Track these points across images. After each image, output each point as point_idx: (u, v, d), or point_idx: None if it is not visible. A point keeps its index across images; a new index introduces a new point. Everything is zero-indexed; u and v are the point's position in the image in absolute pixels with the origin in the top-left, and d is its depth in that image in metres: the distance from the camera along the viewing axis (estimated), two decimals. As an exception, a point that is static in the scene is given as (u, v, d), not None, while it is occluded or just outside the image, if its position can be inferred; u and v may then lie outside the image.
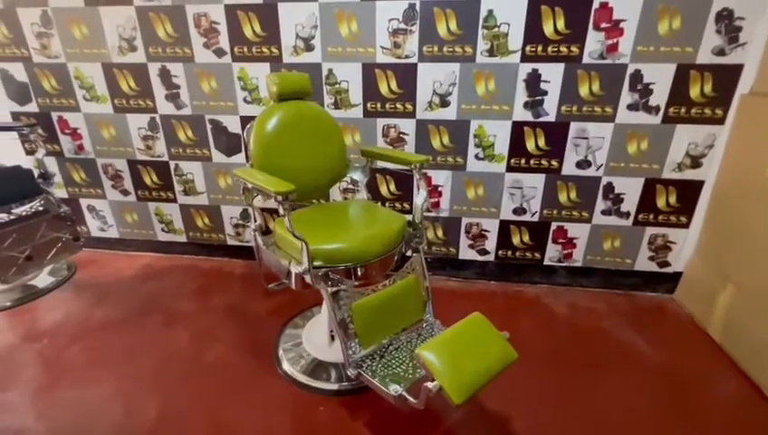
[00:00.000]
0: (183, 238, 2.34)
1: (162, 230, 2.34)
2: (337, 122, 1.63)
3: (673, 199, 1.87)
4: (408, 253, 1.51)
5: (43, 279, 2.12)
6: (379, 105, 1.89)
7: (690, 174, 1.81)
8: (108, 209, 2.33)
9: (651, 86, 1.70)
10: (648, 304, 2.00)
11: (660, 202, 1.88)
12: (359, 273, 1.33)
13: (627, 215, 1.93)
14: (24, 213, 1.89)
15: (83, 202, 2.33)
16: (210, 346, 1.66)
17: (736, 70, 1.63)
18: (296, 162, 1.53)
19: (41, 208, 1.95)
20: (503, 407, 1.36)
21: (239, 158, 2.09)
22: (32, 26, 1.96)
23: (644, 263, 2.01)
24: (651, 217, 1.91)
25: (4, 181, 1.86)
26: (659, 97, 1.71)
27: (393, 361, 1.28)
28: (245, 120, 2.00)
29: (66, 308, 1.91)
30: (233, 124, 2.02)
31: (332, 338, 1.59)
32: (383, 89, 1.86)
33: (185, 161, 2.14)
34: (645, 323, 1.84)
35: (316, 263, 1.27)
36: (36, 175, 2.01)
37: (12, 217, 1.84)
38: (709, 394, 1.45)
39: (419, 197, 1.48)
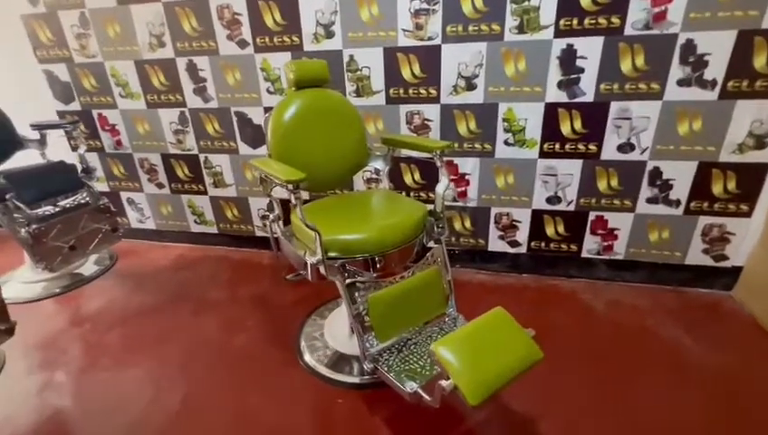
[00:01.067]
0: (214, 230, 2.40)
1: (195, 222, 2.41)
2: (357, 110, 1.58)
3: (732, 185, 1.67)
4: (430, 244, 1.44)
5: (88, 268, 2.25)
6: (401, 91, 1.82)
7: (753, 156, 1.60)
8: (145, 202, 2.43)
9: (706, 57, 1.51)
10: (701, 301, 1.81)
11: (717, 188, 1.68)
12: (377, 264, 1.29)
13: (677, 203, 1.74)
14: (68, 205, 2.00)
15: (123, 195, 2.45)
16: (236, 335, 1.68)
17: (812, 34, 1.41)
18: (315, 151, 1.50)
19: (83, 201, 2.06)
20: (530, 409, 1.27)
21: (264, 149, 2.09)
22: (71, 28, 2.06)
23: (697, 256, 1.81)
24: (706, 205, 1.72)
25: (51, 175, 1.98)
26: (716, 69, 1.52)
27: (411, 356, 1.23)
28: (269, 111, 2.00)
29: (107, 296, 2.01)
30: (257, 116, 2.03)
31: (352, 331, 1.56)
32: (406, 74, 1.78)
33: (213, 154, 2.18)
34: (697, 323, 1.66)
35: (331, 254, 1.24)
36: (80, 170, 2.12)
37: (57, 209, 1.95)
38: None
39: (441, 185, 1.41)
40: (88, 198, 2.08)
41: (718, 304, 1.79)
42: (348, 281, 1.25)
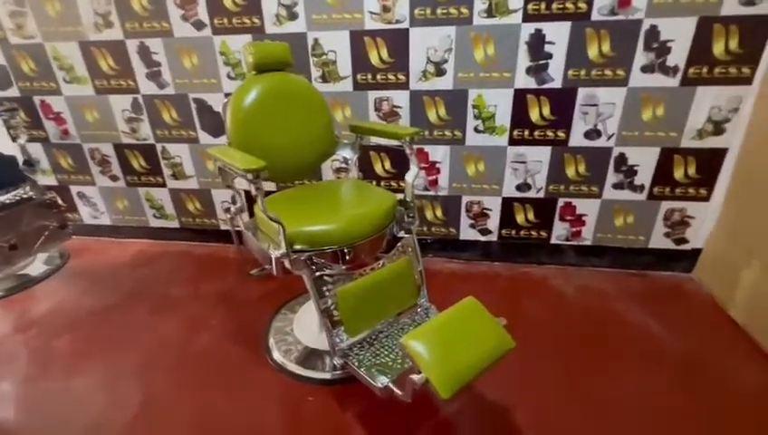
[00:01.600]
0: (176, 224, 2.27)
1: (154, 216, 2.27)
2: (322, 95, 1.51)
3: (692, 170, 1.71)
4: (401, 234, 1.40)
5: (36, 268, 2.08)
6: (369, 77, 1.75)
7: (712, 141, 1.65)
8: (98, 196, 2.27)
9: (669, 44, 1.53)
10: (663, 283, 1.87)
11: (678, 174, 1.73)
12: (346, 256, 1.24)
13: (641, 188, 1.78)
14: (7, 201, 1.83)
15: (73, 189, 2.27)
16: (199, 334, 1.60)
17: (766, 21, 1.45)
18: (278, 139, 1.43)
19: (25, 196, 1.89)
20: (503, 397, 1.27)
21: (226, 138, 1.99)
22: (4, 4, 1.86)
23: (659, 240, 1.87)
24: (668, 190, 1.76)
25: (-16, 169, 1.80)
26: (678, 56, 1.54)
27: (382, 349, 1.19)
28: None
29: (57, 297, 1.87)
30: (217, 102, 1.92)
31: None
32: (373, 58, 1.72)
33: (171, 144, 2.05)
34: (660, 305, 1.71)
35: (297, 246, 1.18)
36: (20, 162, 1.95)
37: (-5, 205, 1.79)
38: (732, 381, 1.33)
39: (410, 173, 1.37)
40: (31, 193, 1.92)
41: (679, 286, 1.85)
42: (315, 274, 1.19)
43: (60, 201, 1.98)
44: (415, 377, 0.90)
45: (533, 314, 1.69)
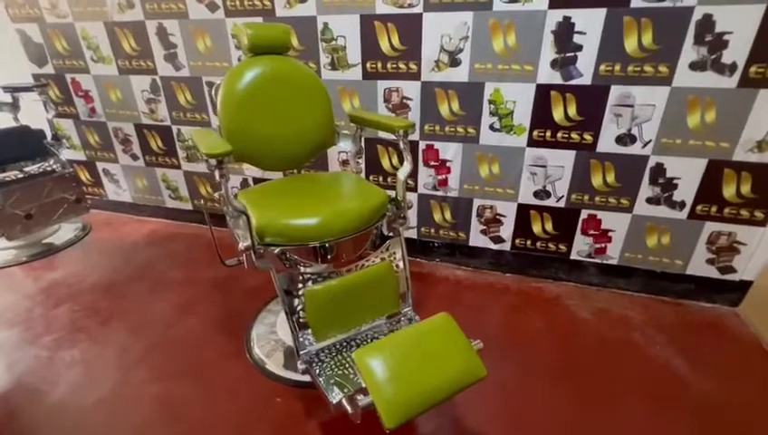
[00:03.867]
0: (189, 206, 2.30)
1: (170, 197, 2.31)
2: (322, 83, 1.42)
3: (746, 189, 1.45)
4: (391, 235, 1.30)
5: (60, 236, 2.19)
6: (379, 65, 1.65)
7: (773, 156, 1.39)
8: (120, 173, 2.34)
9: (726, 37, 1.29)
10: (700, 316, 1.62)
11: (728, 191, 1.47)
12: (326, 254, 1.15)
13: (681, 205, 1.54)
14: (32, 172, 1.92)
15: (99, 166, 2.37)
16: (185, 319, 1.59)
17: None
18: (272, 127, 1.36)
19: (49, 169, 1.98)
20: (489, 427, 1.13)
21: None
22: (40, -16, 1.95)
23: (700, 266, 1.61)
24: (714, 209, 1.51)
25: (11, 140, 1.90)
26: (737, 52, 1.30)
27: (347, 360, 1.10)
28: (240, 83, 1.86)
29: (70, 268, 1.94)
30: (229, 87, 1.89)
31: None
32: (384, 45, 1.61)
33: (186, 126, 2.07)
34: (693, 341, 1.48)
35: (268, 239, 1.11)
36: (49, 136, 2.04)
37: (21, 175, 1.88)
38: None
39: (403, 170, 1.26)
40: (55, 166, 2.00)
41: (720, 320, 1.60)
42: (284, 271, 1.11)
43: (80, 176, 2.05)
44: (360, 398, 0.80)
45: (539, 335, 1.52)
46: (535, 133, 1.58)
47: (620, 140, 1.50)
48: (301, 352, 1.10)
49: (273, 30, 1.34)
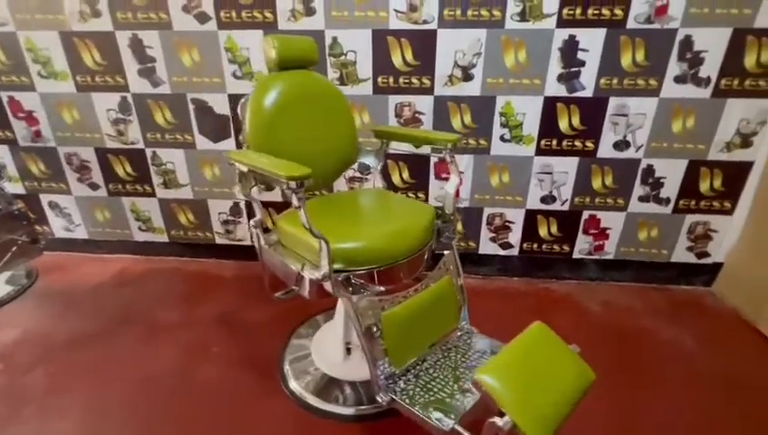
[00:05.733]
0: (164, 238, 2.04)
1: (139, 229, 2.04)
2: (346, 98, 1.37)
3: (718, 183, 1.69)
4: (438, 250, 1.28)
5: (-2, 289, 1.80)
6: (391, 80, 1.63)
7: (739, 155, 1.63)
8: (74, 206, 2.01)
9: (702, 54, 1.50)
10: (685, 298, 1.83)
11: (704, 186, 1.70)
12: (385, 276, 1.10)
13: (666, 201, 1.74)
14: (-33, 212, 1.57)
15: (44, 198, 2.01)
16: (200, 365, 1.40)
17: (798, 35, 1.44)
18: (301, 145, 1.27)
19: (-11, 206, 1.63)
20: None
21: (228, 144, 1.81)
22: (-30, -14, 1.63)
23: (681, 254, 1.83)
24: (693, 203, 1.73)
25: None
26: (711, 67, 1.51)
27: (433, 382, 1.05)
28: (235, 99, 1.72)
29: (26, 323, 1.61)
30: (220, 104, 1.74)
31: (348, 352, 1.36)
32: (396, 60, 1.60)
33: (164, 149, 1.85)
34: (687, 320, 1.67)
35: (335, 266, 1.03)
36: (-16, 167, 1.69)
37: (-48, 216, 1.52)
38: None
39: (451, 183, 1.25)
40: (-3, 203, 1.66)
41: (701, 300, 1.82)
42: (355, 298, 1.04)
43: (29, 213, 1.72)
44: (499, 420, 0.77)
45: (562, 332, 1.58)
46: (543, 142, 1.68)
47: (617, 145, 1.66)
48: (380, 383, 1.03)
49: (300, 43, 1.27)
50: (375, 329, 1.03)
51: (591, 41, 1.51)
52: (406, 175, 1.80)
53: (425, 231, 1.17)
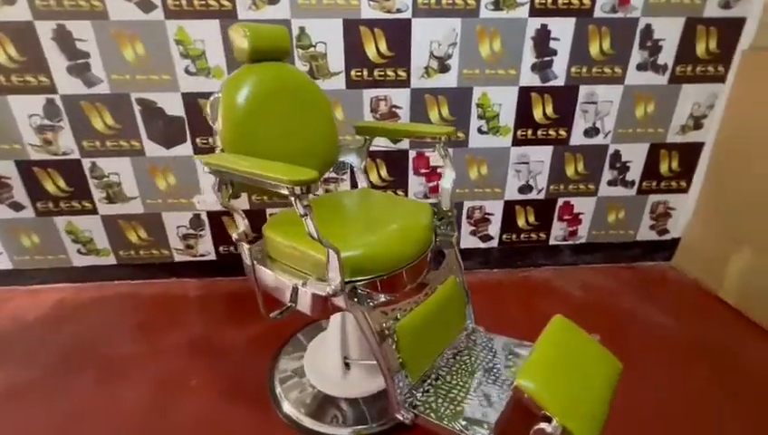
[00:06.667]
0: (111, 260, 1.79)
1: (79, 252, 1.76)
2: (323, 92, 1.26)
3: (675, 164, 1.80)
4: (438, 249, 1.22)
5: None
6: (365, 73, 1.54)
7: (692, 136, 1.75)
8: (-8, 232, 1.69)
9: (660, 43, 1.58)
10: (650, 273, 1.95)
11: (663, 168, 1.81)
12: (392, 284, 1.02)
13: (632, 184, 1.83)
14: None
15: (-50, 225, 1.67)
16: (180, 400, 1.23)
17: (739, 24, 1.57)
18: (280, 145, 1.15)
19: None
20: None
21: (183, 149, 1.61)
22: None
23: (645, 232, 1.94)
24: (654, 184, 1.84)
25: None
26: (668, 55, 1.60)
27: (453, 391, 0.99)
28: (190, 99, 1.53)
29: (-60, 380, 1.31)
30: (172, 104, 1.54)
31: (347, 367, 1.26)
32: (371, 52, 1.52)
33: (105, 158, 1.60)
34: (656, 294, 1.77)
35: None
36: None
37: None
38: (742, 356, 1.41)
39: (448, 178, 1.20)
40: None
41: (664, 274, 1.94)
42: (364, 310, 0.94)
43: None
44: (546, 427, 0.72)
45: (546, 318, 1.61)
46: (519, 133, 1.69)
47: (587, 133, 1.71)
48: (400, 399, 0.95)
49: (273, 32, 1.14)
50: (390, 342, 0.95)
51: (562, 30, 1.53)
52: (384, 172, 1.72)
53: (427, 230, 1.11)
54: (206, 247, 1.80)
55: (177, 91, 1.52)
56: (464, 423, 0.88)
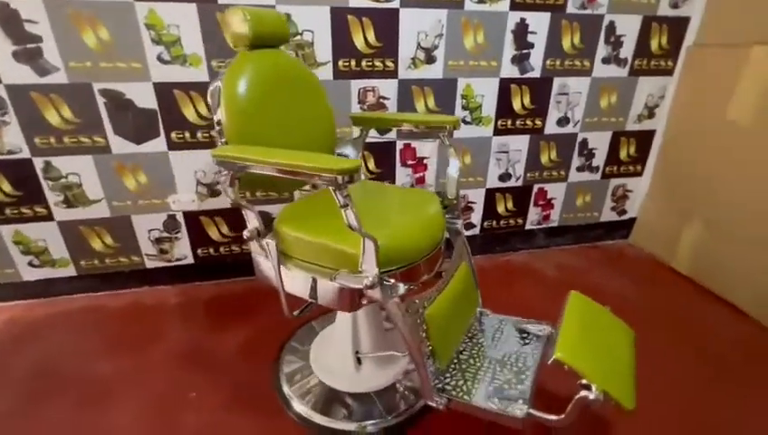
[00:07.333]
0: (69, 271, 1.60)
1: (30, 265, 1.55)
2: (320, 80, 1.22)
3: (632, 150, 1.98)
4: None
5: None
6: (353, 63, 1.51)
7: (646, 124, 1.93)
8: None
9: (622, 38, 1.72)
10: (612, 251, 2.12)
11: (623, 154, 1.98)
12: (406, 274, 1.01)
13: (597, 169, 1.98)
14: None
15: None
16: (180, 416, 1.14)
17: (685, 22, 1.75)
18: (285, 137, 1.10)
19: None
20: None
21: (156, 144, 1.48)
22: None
23: (607, 214, 2.11)
24: (615, 168, 2.00)
25: None
26: (628, 49, 1.75)
27: (480, 372, 1.01)
28: (164, 89, 1.41)
29: None
30: (143, 96, 1.40)
31: (359, 362, 1.24)
32: (359, 42, 1.49)
33: (62, 157, 1.42)
34: (623, 270, 1.93)
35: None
36: None
37: None
38: (699, 319, 1.59)
39: (453, 166, 1.22)
40: None
41: (624, 251, 2.13)
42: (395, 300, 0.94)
43: None
44: (589, 394, 0.77)
45: (532, 298, 1.72)
46: (500, 123, 1.75)
47: (560, 122, 1.82)
48: (433, 385, 0.96)
49: (273, 17, 1.08)
50: (421, 331, 0.95)
51: (539, 24, 1.61)
52: (372, 164, 1.70)
53: (441, 219, 1.12)
54: (182, 251, 1.67)
55: (148, 80, 1.38)
56: (498, 401, 0.91)
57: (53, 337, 1.43)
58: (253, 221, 0.99)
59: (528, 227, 2.03)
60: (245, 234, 0.99)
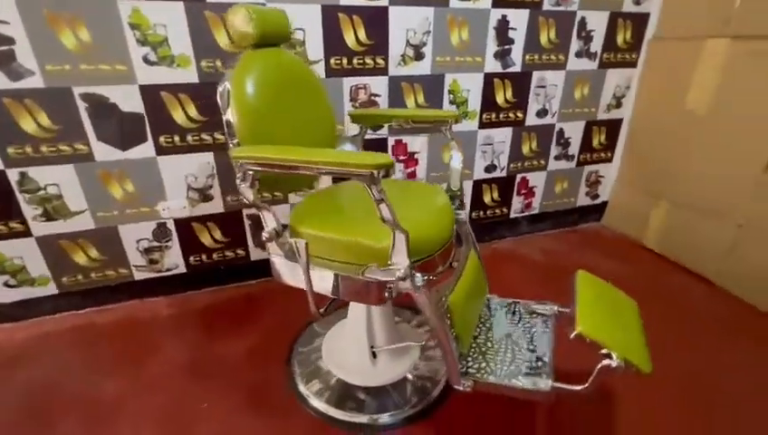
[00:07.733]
0: (50, 290, 1.50)
1: (6, 285, 1.44)
2: (319, 78, 1.22)
3: (603, 138, 2.12)
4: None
5: None
6: (345, 61, 1.52)
7: (615, 113, 2.07)
8: None
9: (592, 33, 1.83)
10: (588, 233, 2.27)
11: (595, 142, 2.11)
12: (422, 266, 1.05)
13: (572, 157, 2.10)
14: None
15: None
16: (195, 427, 1.11)
17: (645, 18, 1.89)
18: (291, 133, 1.10)
19: None
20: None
21: (144, 150, 1.41)
22: None
23: (582, 199, 2.25)
24: (588, 156, 2.13)
25: None
26: (597, 44, 1.86)
27: (500, 353, 1.06)
28: (151, 92, 1.35)
29: None
30: (128, 99, 1.34)
31: (374, 356, 1.26)
32: (350, 39, 1.49)
33: (40, 167, 1.33)
34: (600, 250, 2.07)
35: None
36: None
37: None
38: (670, 290, 1.74)
39: (457, 159, 1.26)
40: None
41: (599, 232, 2.28)
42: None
43: None
44: (612, 362, 0.83)
45: (525, 281, 1.80)
46: (484, 116, 1.82)
47: (539, 114, 1.92)
48: (459, 370, 0.99)
49: (276, 15, 1.07)
50: (446, 318, 0.98)
51: (518, 20, 1.69)
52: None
53: (451, 210, 1.16)
54: (173, 260, 1.61)
55: (134, 83, 1.32)
56: (523, 378, 0.96)
57: (43, 360, 1.34)
58: (271, 222, 0.98)
59: (512, 215, 2.12)
60: (264, 235, 0.98)
